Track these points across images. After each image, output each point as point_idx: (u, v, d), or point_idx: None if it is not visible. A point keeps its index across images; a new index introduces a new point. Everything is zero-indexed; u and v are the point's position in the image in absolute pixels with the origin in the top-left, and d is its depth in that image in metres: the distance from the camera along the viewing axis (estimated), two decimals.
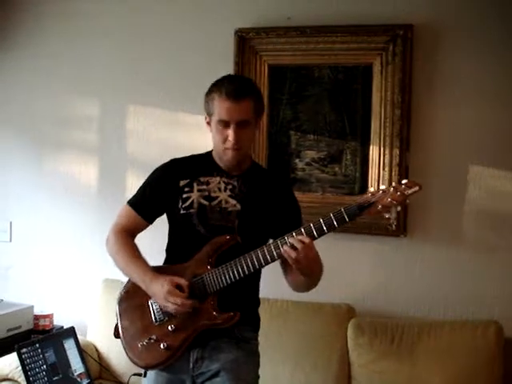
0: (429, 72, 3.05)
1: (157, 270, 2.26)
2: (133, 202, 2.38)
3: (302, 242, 2.04)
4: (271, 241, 2.17)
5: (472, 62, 2.99)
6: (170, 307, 2.15)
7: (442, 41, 3.01)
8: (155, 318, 2.26)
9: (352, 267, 3.19)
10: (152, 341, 2.23)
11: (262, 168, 2.57)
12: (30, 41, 3.70)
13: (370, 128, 3.11)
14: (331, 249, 3.13)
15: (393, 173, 3.04)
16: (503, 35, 2.96)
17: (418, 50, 3.03)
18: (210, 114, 2.26)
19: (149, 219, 2.38)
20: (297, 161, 3.22)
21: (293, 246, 2.04)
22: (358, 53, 3.11)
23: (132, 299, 2.34)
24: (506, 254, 3.00)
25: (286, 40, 3.19)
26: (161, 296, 2.16)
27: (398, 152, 3.04)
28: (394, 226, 3.05)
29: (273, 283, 2.47)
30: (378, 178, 3.08)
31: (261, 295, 2.46)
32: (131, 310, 2.33)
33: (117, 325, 2.36)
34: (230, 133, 2.18)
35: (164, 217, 2.39)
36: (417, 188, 2.03)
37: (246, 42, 3.24)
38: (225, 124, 2.19)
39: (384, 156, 3.07)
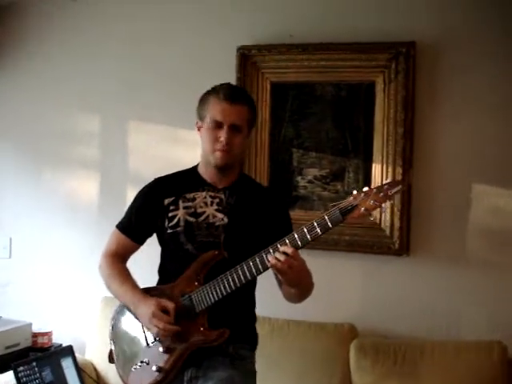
0: (432, 89, 3.04)
1: (146, 292, 2.26)
2: (121, 226, 2.39)
3: (285, 253, 2.00)
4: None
5: (475, 79, 2.98)
6: (153, 330, 2.15)
7: (445, 57, 3.01)
8: (146, 341, 2.24)
9: (354, 286, 3.17)
10: (144, 364, 2.22)
11: (252, 180, 2.54)
12: (30, 56, 3.70)
13: (372, 145, 3.09)
14: (333, 267, 3.14)
15: None
16: (507, 50, 2.95)
17: (420, 67, 3.02)
18: (202, 118, 2.27)
19: (138, 241, 2.38)
20: (299, 178, 3.20)
21: (276, 258, 2.01)
22: (361, 70, 3.11)
23: (124, 323, 2.33)
24: (511, 273, 2.96)
25: (288, 57, 3.18)
26: (146, 318, 2.15)
27: (400, 170, 3.01)
28: (396, 245, 3.02)
29: (274, 302, 2.44)
30: None
31: (262, 314, 2.43)
32: (123, 334, 2.32)
33: (111, 350, 2.36)
34: (223, 133, 2.18)
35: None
36: (399, 187, 1.99)
37: (248, 59, 3.23)
38: (217, 125, 2.19)
39: (387, 174, 3.04)
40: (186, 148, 3.36)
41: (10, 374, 2.92)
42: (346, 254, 3.12)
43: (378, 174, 3.07)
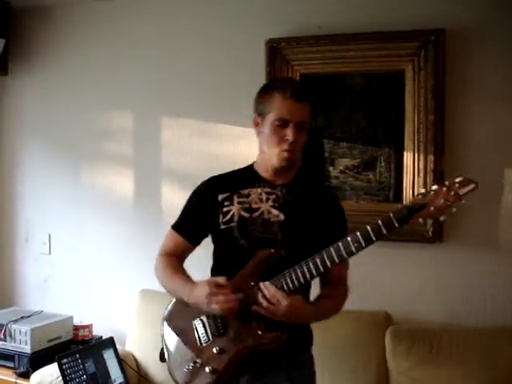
0: (462, 76, 3.02)
1: None
2: (176, 225, 2.33)
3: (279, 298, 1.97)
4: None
5: (506, 66, 2.96)
6: (215, 308, 2.04)
7: (475, 45, 2.99)
8: (199, 340, 2.16)
9: (389, 274, 3.17)
10: (197, 365, 2.13)
11: (310, 177, 2.46)
12: (64, 56, 3.78)
13: (403, 134, 3.09)
14: (368, 256, 3.12)
15: (428, 179, 3.01)
16: None
17: (450, 55, 3.00)
18: (263, 114, 2.16)
19: (194, 241, 2.32)
20: (330, 169, 3.22)
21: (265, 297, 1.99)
22: (390, 59, 3.10)
23: (176, 321, 2.26)
24: None
25: (317, 49, 3.19)
26: (203, 300, 2.05)
27: (432, 158, 3.02)
28: (430, 233, 3.03)
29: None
30: (413, 185, 3.06)
31: None
32: (176, 333, 2.24)
33: (162, 349, 2.28)
34: (289, 132, 2.09)
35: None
36: (472, 186, 1.88)
37: (277, 51, 3.25)
38: (283, 123, 2.10)
39: (418, 162, 3.05)
40: (218, 142, 3.40)
41: (53, 366, 3.00)
42: (379, 242, 3.11)
43: (410, 162, 3.07)
